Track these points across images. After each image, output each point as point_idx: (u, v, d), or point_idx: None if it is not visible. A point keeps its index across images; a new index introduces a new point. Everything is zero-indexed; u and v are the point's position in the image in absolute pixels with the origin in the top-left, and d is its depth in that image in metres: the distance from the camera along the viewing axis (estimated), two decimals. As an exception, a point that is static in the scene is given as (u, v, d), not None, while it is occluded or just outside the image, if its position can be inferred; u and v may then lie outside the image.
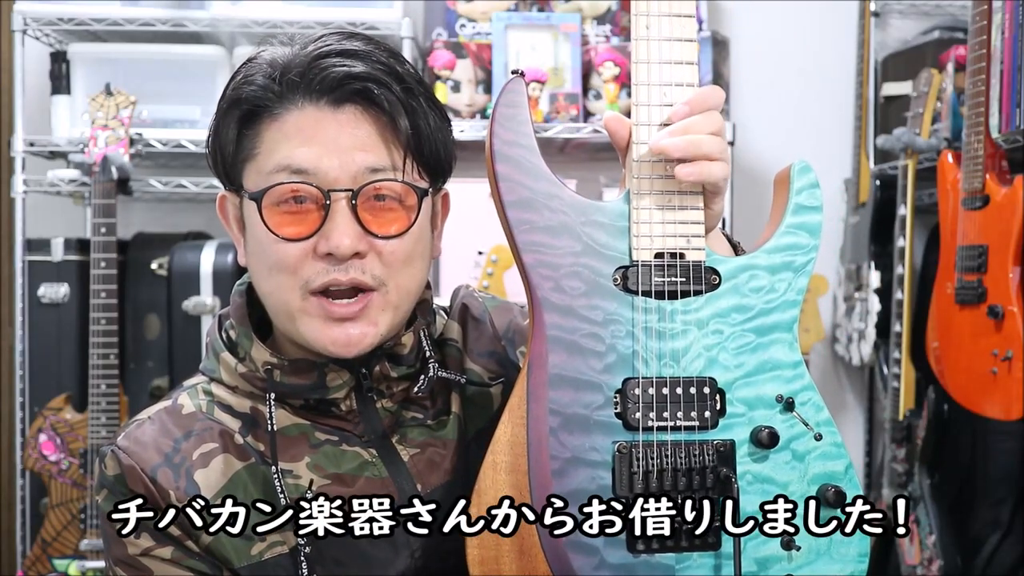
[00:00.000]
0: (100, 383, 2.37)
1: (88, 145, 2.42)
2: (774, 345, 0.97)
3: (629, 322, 0.94)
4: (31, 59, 2.65)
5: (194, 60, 2.64)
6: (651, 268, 0.94)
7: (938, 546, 2.37)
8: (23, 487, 2.57)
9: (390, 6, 2.64)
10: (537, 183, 0.94)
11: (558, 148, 2.90)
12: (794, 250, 0.98)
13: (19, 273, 2.57)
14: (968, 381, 2.22)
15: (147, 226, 2.80)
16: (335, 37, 1.01)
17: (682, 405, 0.94)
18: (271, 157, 0.98)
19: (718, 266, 0.97)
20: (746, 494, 0.94)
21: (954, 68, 2.49)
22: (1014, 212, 2.07)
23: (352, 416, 1.04)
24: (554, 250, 0.94)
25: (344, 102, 0.97)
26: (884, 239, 2.64)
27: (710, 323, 0.96)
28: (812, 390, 0.98)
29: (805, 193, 0.99)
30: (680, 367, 0.95)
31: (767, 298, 0.97)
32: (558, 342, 0.94)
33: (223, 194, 1.06)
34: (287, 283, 0.98)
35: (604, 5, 2.82)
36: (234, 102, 1.00)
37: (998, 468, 2.35)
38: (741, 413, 0.96)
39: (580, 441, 0.93)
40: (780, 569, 0.96)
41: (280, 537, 0.98)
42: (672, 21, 0.95)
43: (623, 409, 0.94)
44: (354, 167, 0.97)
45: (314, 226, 0.96)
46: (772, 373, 0.97)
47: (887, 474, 2.59)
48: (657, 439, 0.94)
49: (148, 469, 0.98)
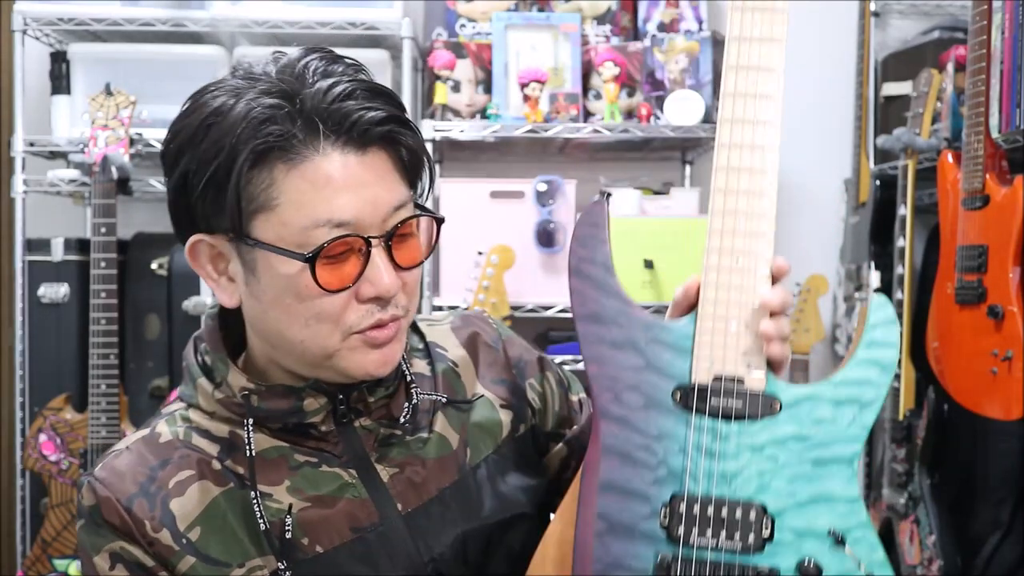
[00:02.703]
0: (100, 383, 2.37)
1: (88, 145, 2.42)
2: (831, 478, 0.95)
3: (683, 439, 0.96)
4: (31, 59, 2.65)
5: (194, 60, 2.64)
6: (708, 389, 0.96)
7: (938, 546, 2.37)
8: (23, 487, 2.58)
9: (390, 6, 2.64)
10: (608, 300, 0.99)
11: (558, 148, 2.90)
12: (863, 385, 0.97)
13: (19, 273, 2.57)
14: (968, 381, 2.22)
15: (147, 226, 2.80)
16: (324, 62, 0.97)
17: (727, 526, 0.95)
18: (304, 211, 0.93)
19: (780, 393, 0.96)
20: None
21: (954, 68, 2.49)
22: (1014, 212, 2.07)
23: (331, 437, 1.03)
24: (617, 364, 0.98)
25: (369, 145, 0.96)
26: (884, 239, 2.64)
27: (765, 449, 0.95)
28: (867, 528, 0.95)
29: (880, 329, 0.98)
30: (731, 489, 0.95)
31: (828, 430, 0.96)
32: (612, 451, 0.97)
33: (199, 239, 0.99)
34: (328, 330, 0.97)
35: (604, 5, 2.82)
36: (234, 146, 0.93)
37: (998, 468, 2.35)
38: (789, 542, 0.95)
39: (624, 548, 0.96)
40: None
41: (260, 562, 0.97)
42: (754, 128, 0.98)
43: (669, 523, 0.95)
44: (384, 210, 0.96)
45: (355, 273, 0.95)
46: (826, 506, 0.95)
47: (887, 474, 2.59)
48: (698, 556, 0.95)
49: (123, 500, 0.97)
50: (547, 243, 2.64)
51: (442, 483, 1.06)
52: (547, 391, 1.19)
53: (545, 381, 1.19)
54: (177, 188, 0.98)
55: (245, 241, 0.96)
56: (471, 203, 2.67)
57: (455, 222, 2.71)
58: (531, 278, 2.64)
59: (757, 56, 0.98)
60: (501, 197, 2.68)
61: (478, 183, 2.71)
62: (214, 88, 0.98)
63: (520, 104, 2.67)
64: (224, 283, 1.01)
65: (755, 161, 0.98)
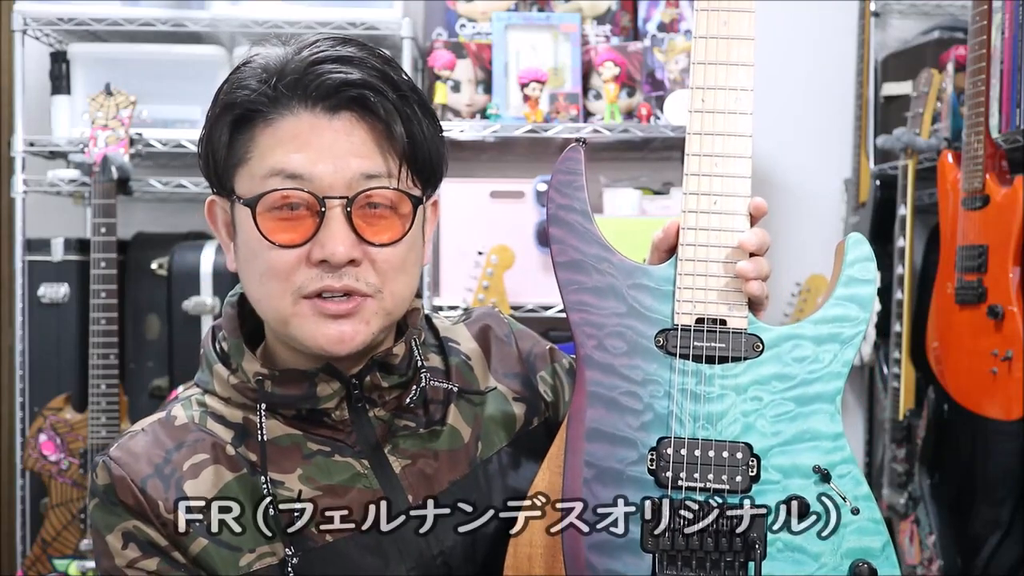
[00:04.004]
0: (100, 383, 2.37)
1: (88, 145, 2.42)
2: (814, 415, 0.97)
3: (667, 383, 0.97)
4: (31, 59, 2.65)
5: (194, 60, 2.64)
6: (691, 332, 0.97)
7: (938, 546, 2.37)
8: (23, 487, 2.57)
9: (390, 6, 2.64)
10: (588, 247, 1.00)
11: (558, 148, 2.90)
12: (842, 322, 0.98)
13: (19, 273, 2.57)
14: (968, 381, 2.22)
15: (147, 226, 2.80)
16: (329, 42, 1.00)
17: (714, 468, 0.95)
18: (264, 162, 0.97)
19: (762, 334, 0.98)
20: (775, 561, 0.94)
21: (954, 68, 2.49)
22: (1014, 212, 2.07)
23: (344, 426, 1.03)
24: (599, 310, 0.99)
25: (340, 109, 0.97)
26: (884, 239, 2.64)
27: (749, 389, 0.97)
28: (852, 463, 0.97)
29: (858, 266, 0.99)
30: (716, 430, 0.96)
31: (810, 368, 0.97)
32: (597, 398, 0.98)
33: (212, 198, 1.05)
34: (278, 289, 0.98)
35: (604, 5, 2.82)
36: (227, 106, 0.99)
37: (998, 468, 2.35)
38: (776, 480, 0.96)
39: (611, 494, 0.96)
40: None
41: (269, 548, 0.98)
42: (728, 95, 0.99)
43: (656, 467, 0.96)
44: (349, 174, 0.96)
45: (308, 233, 0.96)
46: (810, 443, 0.96)
47: (887, 474, 2.59)
48: (686, 498, 0.95)
49: (138, 480, 0.98)
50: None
51: (453, 476, 1.06)
52: (558, 383, 1.19)
53: (556, 373, 1.19)
54: (200, 147, 1.04)
55: (228, 197, 1.01)
56: (471, 203, 2.66)
57: (455, 222, 2.73)
58: (531, 278, 2.64)
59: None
60: (501, 197, 2.68)
61: (478, 183, 2.71)
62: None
63: (520, 104, 2.67)
64: (230, 247, 1.04)
65: (729, 103, 0.99)
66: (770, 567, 0.94)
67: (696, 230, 0.98)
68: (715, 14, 0.99)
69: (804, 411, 0.96)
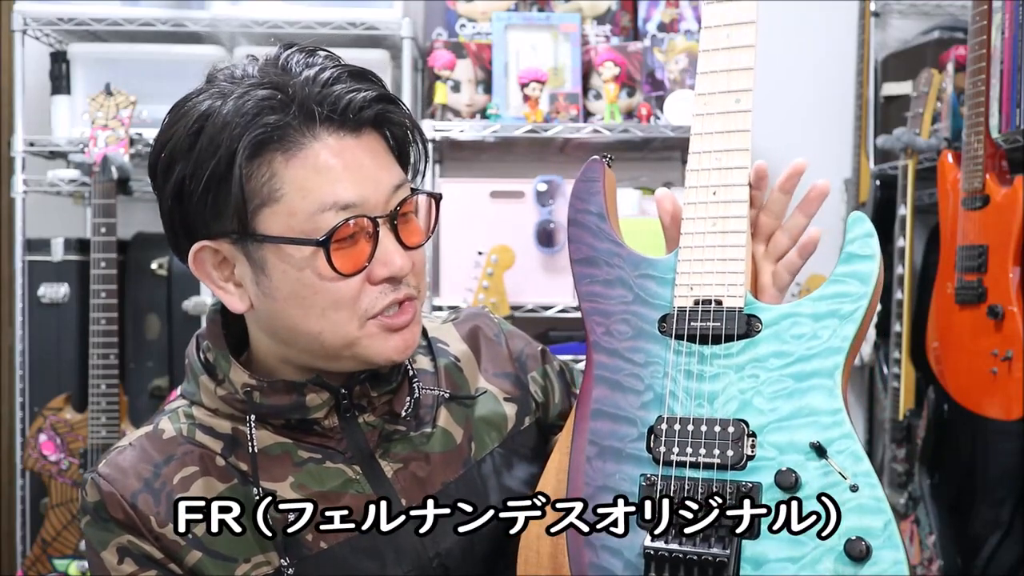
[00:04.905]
0: (100, 383, 2.37)
1: (88, 145, 2.42)
2: (812, 391, 0.95)
3: (667, 364, 0.99)
4: (31, 59, 2.65)
5: (194, 60, 2.64)
6: (687, 313, 0.99)
7: (938, 546, 2.37)
8: (23, 487, 2.58)
9: (390, 6, 2.64)
10: (601, 243, 1.06)
11: (558, 148, 2.90)
12: (842, 298, 0.97)
13: (19, 273, 2.57)
14: (968, 381, 2.22)
15: (147, 226, 2.80)
16: (315, 57, 0.98)
17: (705, 443, 0.96)
18: (309, 197, 0.94)
19: (760, 313, 0.98)
20: (769, 539, 0.93)
21: (954, 68, 2.49)
22: (1014, 212, 2.07)
23: (335, 433, 1.03)
24: (608, 300, 1.04)
25: (363, 127, 0.98)
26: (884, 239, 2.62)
27: (747, 368, 0.97)
28: (851, 439, 0.93)
29: (859, 242, 0.99)
30: (713, 408, 0.97)
31: (808, 344, 0.96)
32: (603, 380, 1.02)
33: (202, 244, 0.98)
34: (345, 317, 0.97)
35: (604, 5, 2.82)
36: (234, 139, 0.92)
37: (998, 468, 2.35)
38: (771, 457, 0.95)
39: (612, 470, 0.99)
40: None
41: (264, 558, 0.98)
42: (727, 97, 1.02)
43: (653, 444, 0.98)
44: (385, 189, 0.97)
45: (366, 256, 0.96)
46: (808, 419, 0.94)
47: (887, 474, 2.59)
48: (680, 474, 0.96)
49: (128, 495, 0.97)
50: (547, 243, 2.64)
51: (447, 477, 1.06)
52: (549, 384, 1.19)
53: (547, 374, 1.20)
54: (173, 198, 0.97)
55: (252, 238, 0.95)
56: (471, 203, 2.66)
57: (455, 222, 2.73)
58: (531, 278, 2.64)
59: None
60: (501, 197, 2.68)
61: (478, 183, 2.71)
62: (196, 95, 0.97)
63: (520, 104, 2.67)
64: (231, 289, 1.00)
65: (729, 103, 1.01)
66: (765, 544, 0.92)
67: (695, 219, 1.02)
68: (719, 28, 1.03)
69: (802, 387, 0.95)
